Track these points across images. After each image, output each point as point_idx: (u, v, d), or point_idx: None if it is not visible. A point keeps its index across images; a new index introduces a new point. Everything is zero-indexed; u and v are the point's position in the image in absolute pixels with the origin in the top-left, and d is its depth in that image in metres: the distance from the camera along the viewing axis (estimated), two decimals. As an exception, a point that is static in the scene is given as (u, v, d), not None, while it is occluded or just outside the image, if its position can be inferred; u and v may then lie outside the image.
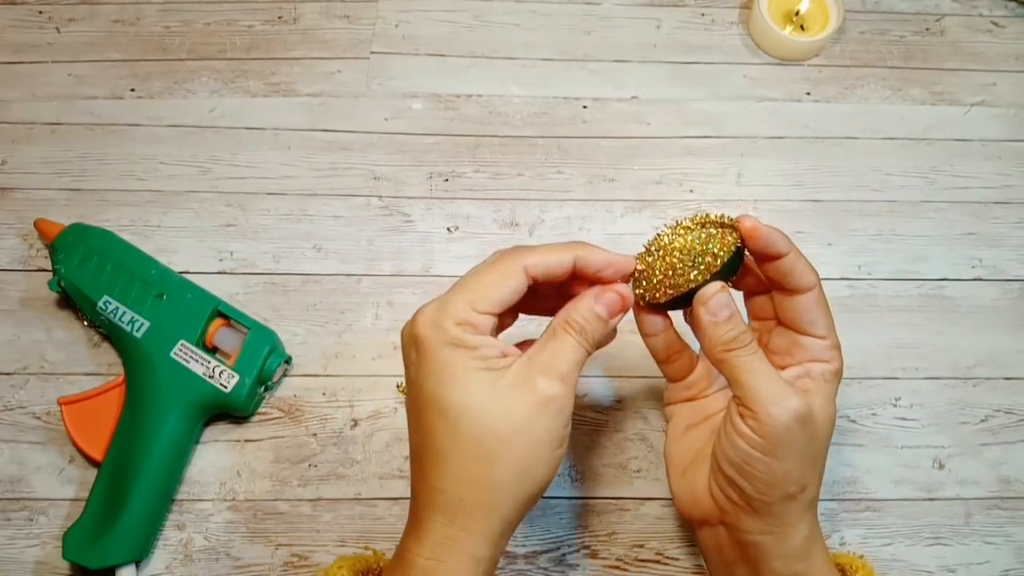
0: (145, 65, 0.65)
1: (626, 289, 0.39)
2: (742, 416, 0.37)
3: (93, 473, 0.51)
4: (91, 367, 0.55)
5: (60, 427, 0.52)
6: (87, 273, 0.53)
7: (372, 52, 0.66)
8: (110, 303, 0.52)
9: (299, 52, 0.66)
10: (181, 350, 0.51)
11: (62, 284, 0.53)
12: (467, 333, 0.36)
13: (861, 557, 0.46)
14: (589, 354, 0.38)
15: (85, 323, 0.55)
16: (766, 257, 0.39)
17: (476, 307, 0.36)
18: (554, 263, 0.37)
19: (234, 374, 0.51)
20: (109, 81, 0.64)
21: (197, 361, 0.51)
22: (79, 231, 0.55)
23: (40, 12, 0.67)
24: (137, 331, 0.51)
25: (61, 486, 0.51)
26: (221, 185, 0.61)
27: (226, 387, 0.51)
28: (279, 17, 0.68)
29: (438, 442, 0.36)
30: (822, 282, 0.41)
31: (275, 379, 0.53)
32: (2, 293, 0.57)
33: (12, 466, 0.52)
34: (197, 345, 0.51)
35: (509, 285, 0.37)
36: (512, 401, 0.35)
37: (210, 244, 0.59)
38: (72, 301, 0.54)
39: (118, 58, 0.65)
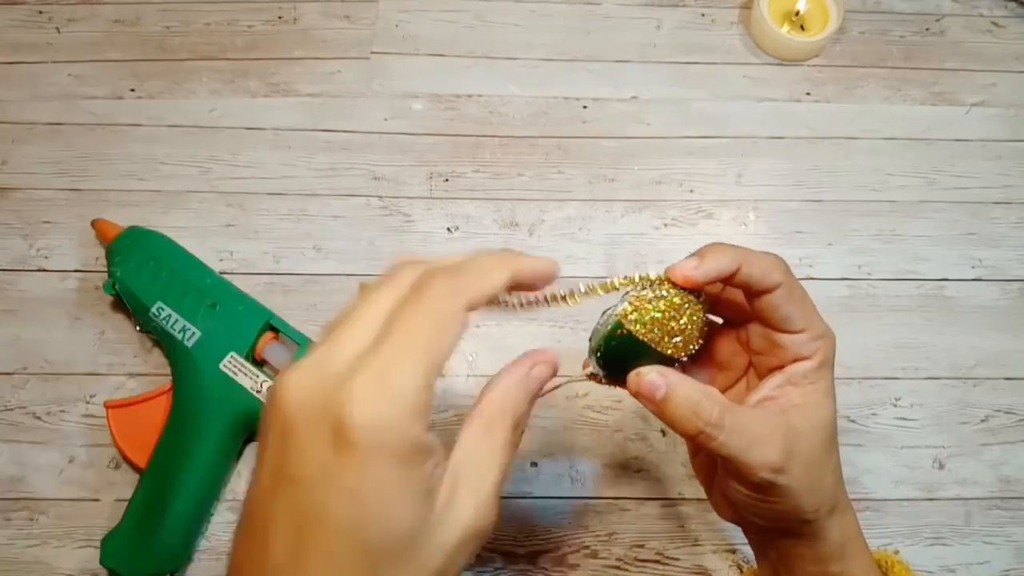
0: (145, 65, 0.65)
1: (553, 356, 0.32)
2: (728, 473, 0.35)
3: (92, 474, 0.51)
4: (91, 367, 0.55)
5: (60, 427, 0.52)
6: (142, 278, 0.52)
7: (372, 52, 0.66)
8: (163, 309, 0.51)
9: (299, 52, 0.66)
10: (230, 362, 0.50)
11: (116, 287, 0.52)
12: (430, 436, 0.25)
13: (896, 552, 0.45)
14: None
15: (137, 328, 0.55)
16: (727, 283, 0.35)
17: (431, 380, 0.25)
18: (499, 287, 0.29)
19: None
20: (109, 81, 0.64)
21: (245, 374, 0.50)
22: (137, 234, 0.54)
23: (40, 12, 0.67)
24: (188, 340, 0.51)
25: (61, 486, 0.51)
26: (221, 185, 0.61)
27: None
28: (279, 17, 0.68)
29: None
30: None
31: None
32: (2, 293, 0.57)
33: (12, 466, 0.52)
34: (247, 358, 0.51)
35: (452, 339, 0.26)
36: (443, 537, 0.26)
37: (210, 244, 0.58)
38: (125, 305, 0.53)
39: (118, 58, 0.65)
